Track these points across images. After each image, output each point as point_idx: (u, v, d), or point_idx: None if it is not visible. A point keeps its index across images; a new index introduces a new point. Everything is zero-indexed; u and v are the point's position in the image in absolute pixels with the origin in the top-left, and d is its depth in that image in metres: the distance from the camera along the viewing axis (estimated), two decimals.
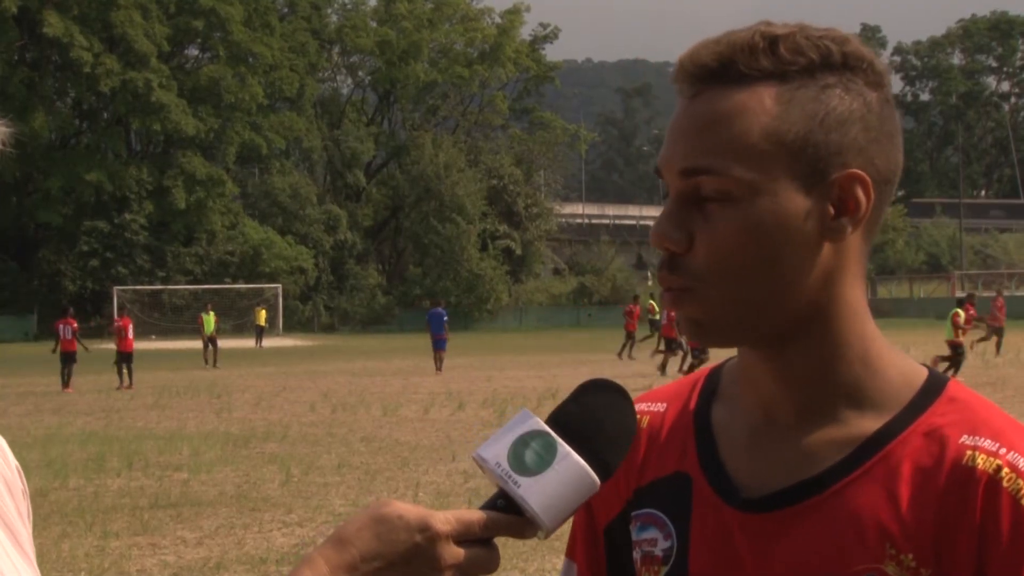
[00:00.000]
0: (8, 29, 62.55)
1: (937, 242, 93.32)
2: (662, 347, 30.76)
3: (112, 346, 30.16)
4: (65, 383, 28.17)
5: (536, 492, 1.26)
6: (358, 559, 1.25)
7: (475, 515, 1.27)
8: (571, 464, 1.27)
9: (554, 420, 1.30)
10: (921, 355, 26.52)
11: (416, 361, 31.48)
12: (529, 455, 1.27)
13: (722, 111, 1.29)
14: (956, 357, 26.19)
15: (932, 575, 1.25)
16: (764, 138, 1.28)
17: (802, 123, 1.28)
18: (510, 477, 1.27)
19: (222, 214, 68.51)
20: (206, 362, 36.91)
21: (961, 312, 26.78)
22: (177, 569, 9.25)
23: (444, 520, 1.25)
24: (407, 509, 1.26)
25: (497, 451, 1.29)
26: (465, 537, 1.26)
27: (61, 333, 29.12)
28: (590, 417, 1.31)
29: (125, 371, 28.64)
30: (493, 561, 1.29)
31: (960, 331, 26.58)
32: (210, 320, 38.44)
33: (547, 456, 1.27)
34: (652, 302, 40.99)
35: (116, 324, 30.54)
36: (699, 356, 25.37)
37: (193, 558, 9.63)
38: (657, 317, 36.31)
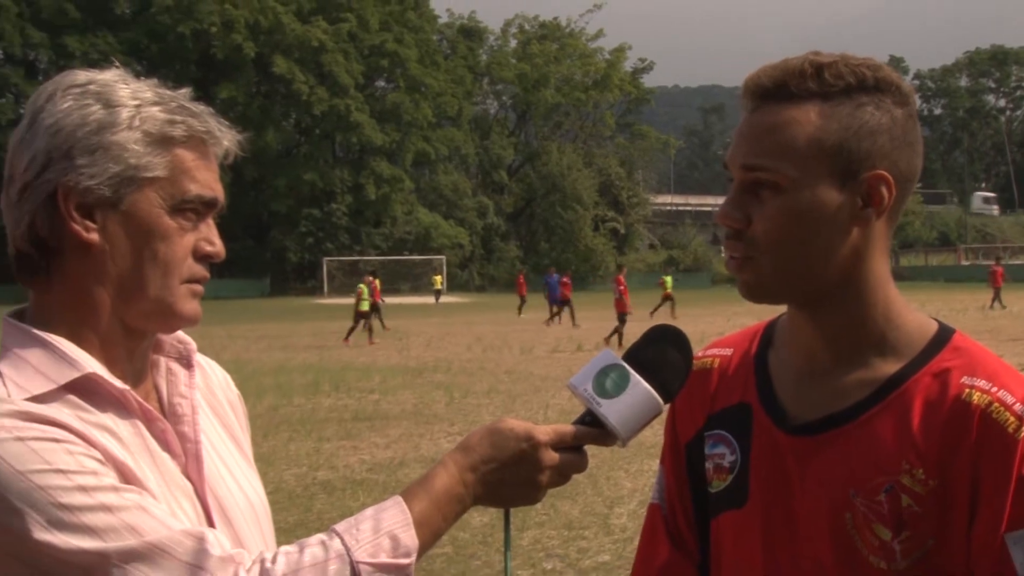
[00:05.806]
0: (247, 70, 63.96)
1: (947, 223, 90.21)
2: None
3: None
4: (370, 335, 24.09)
5: (614, 411, 1.29)
6: (479, 462, 1.29)
7: (568, 428, 1.30)
8: (641, 390, 1.29)
9: (629, 356, 1.33)
10: (932, 310, 25.57)
11: (546, 314, 31.37)
12: (609, 383, 1.30)
13: (776, 122, 1.28)
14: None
15: (938, 485, 1.25)
16: (808, 144, 1.27)
17: (839, 133, 1.27)
18: (594, 399, 1.30)
19: (402, 204, 69.00)
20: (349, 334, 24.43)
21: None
22: (371, 465, 9.40)
23: (544, 432, 1.28)
24: (516, 424, 1.29)
25: (584, 380, 1.31)
26: (560, 445, 1.29)
27: (368, 292, 24.84)
28: (656, 354, 1.33)
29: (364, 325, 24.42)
30: (583, 463, 1.31)
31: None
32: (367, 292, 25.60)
33: (622, 383, 1.30)
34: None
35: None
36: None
37: (383, 457, 9.79)
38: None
